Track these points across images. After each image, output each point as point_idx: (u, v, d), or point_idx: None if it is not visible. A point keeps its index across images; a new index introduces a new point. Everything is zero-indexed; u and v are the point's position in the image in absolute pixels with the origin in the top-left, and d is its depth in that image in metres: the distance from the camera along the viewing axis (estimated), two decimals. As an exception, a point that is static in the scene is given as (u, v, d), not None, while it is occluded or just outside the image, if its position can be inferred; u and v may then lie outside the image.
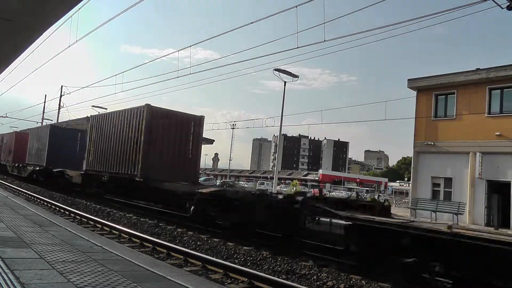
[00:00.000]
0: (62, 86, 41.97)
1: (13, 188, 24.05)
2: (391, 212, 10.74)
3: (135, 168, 16.30)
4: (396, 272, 7.60)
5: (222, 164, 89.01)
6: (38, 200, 18.70)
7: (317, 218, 9.34)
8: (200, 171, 25.73)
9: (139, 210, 16.73)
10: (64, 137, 26.51)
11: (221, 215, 12.18)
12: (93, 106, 37.55)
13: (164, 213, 16.01)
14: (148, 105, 16.44)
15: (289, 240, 10.18)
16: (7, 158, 37.20)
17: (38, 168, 28.00)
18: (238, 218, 11.50)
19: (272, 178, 43.30)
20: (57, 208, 16.14)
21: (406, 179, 72.80)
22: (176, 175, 16.34)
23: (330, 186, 57.63)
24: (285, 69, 26.50)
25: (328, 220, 9.06)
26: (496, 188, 19.82)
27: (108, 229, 12.04)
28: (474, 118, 20.41)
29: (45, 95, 66.13)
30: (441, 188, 21.82)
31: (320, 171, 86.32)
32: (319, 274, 7.97)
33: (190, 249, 9.59)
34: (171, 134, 16.77)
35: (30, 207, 12.53)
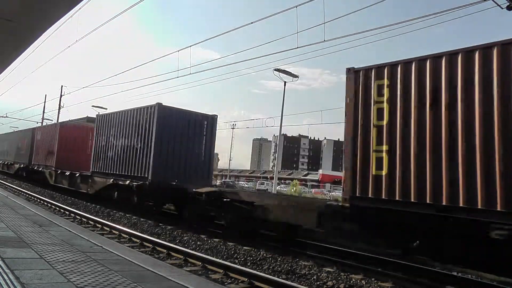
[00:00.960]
0: (62, 86, 41.94)
1: (13, 188, 24.06)
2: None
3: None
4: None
5: (222, 164, 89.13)
6: (38, 200, 18.70)
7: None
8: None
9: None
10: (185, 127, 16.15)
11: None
12: (93, 106, 37.55)
13: (164, 214, 16.02)
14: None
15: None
16: (48, 162, 25.27)
17: (138, 182, 15.26)
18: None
19: (272, 178, 43.31)
20: (57, 208, 16.15)
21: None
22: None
23: (330, 186, 57.54)
24: (285, 69, 26.53)
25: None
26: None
27: (108, 229, 12.05)
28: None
29: (45, 95, 66.07)
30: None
31: (320, 171, 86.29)
32: (319, 274, 7.97)
33: (190, 249, 9.59)
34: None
35: (30, 207, 12.53)
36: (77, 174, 20.55)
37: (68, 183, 21.65)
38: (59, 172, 22.96)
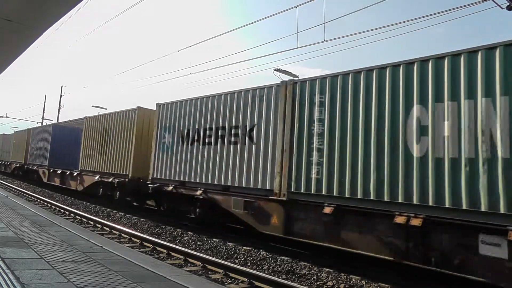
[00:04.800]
0: (62, 86, 41.96)
1: (13, 188, 24.06)
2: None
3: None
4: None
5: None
6: (38, 200, 18.71)
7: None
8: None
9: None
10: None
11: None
12: (93, 106, 37.59)
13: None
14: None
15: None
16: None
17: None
18: None
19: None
20: (57, 208, 16.16)
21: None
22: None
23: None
24: (285, 69, 26.48)
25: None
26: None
27: (108, 229, 12.05)
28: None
29: (45, 95, 66.28)
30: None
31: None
32: (319, 274, 7.97)
33: (190, 249, 9.60)
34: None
35: (30, 207, 12.53)
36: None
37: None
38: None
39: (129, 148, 15.97)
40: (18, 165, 31.87)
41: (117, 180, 16.35)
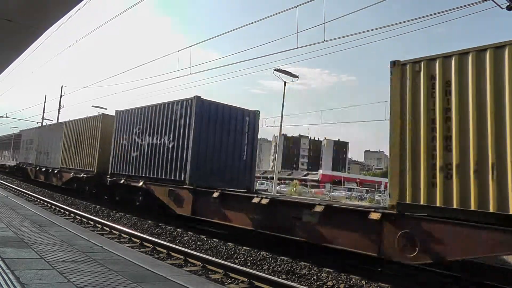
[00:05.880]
0: (62, 86, 42.01)
1: (13, 188, 24.07)
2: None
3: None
4: None
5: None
6: (38, 200, 18.71)
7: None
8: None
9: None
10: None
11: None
12: (93, 106, 37.65)
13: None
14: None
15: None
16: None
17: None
18: None
19: (272, 178, 43.31)
20: (57, 208, 16.15)
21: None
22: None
23: (330, 187, 57.46)
24: (285, 69, 26.48)
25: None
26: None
27: (108, 229, 12.05)
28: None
29: (45, 95, 66.23)
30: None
31: (320, 171, 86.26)
32: (319, 274, 7.97)
33: (190, 249, 9.60)
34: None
35: (30, 207, 12.53)
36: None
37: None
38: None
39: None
40: (86, 175, 19.78)
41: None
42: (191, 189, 12.59)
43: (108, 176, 17.48)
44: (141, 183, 14.95)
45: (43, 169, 26.06)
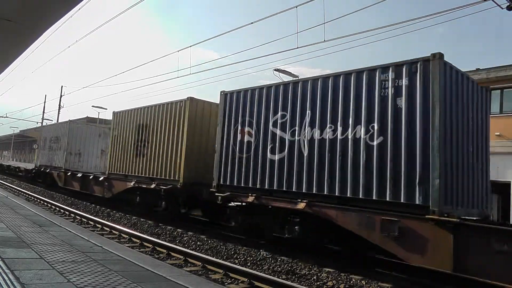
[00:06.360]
0: (62, 86, 41.98)
1: (13, 188, 24.06)
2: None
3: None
4: None
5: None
6: (38, 200, 18.71)
7: None
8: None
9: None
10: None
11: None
12: (93, 106, 37.59)
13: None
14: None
15: None
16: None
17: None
18: None
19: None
20: (57, 208, 16.15)
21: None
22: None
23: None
24: (285, 69, 26.44)
25: None
26: (495, 189, 19.82)
27: (108, 229, 12.05)
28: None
29: (45, 95, 66.18)
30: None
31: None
32: (319, 274, 7.97)
33: (190, 249, 9.60)
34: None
35: (30, 207, 12.54)
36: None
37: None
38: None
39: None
40: (163, 186, 13.77)
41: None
42: (444, 222, 6.69)
43: (214, 189, 11.50)
44: (302, 205, 8.91)
45: (79, 175, 20.26)
